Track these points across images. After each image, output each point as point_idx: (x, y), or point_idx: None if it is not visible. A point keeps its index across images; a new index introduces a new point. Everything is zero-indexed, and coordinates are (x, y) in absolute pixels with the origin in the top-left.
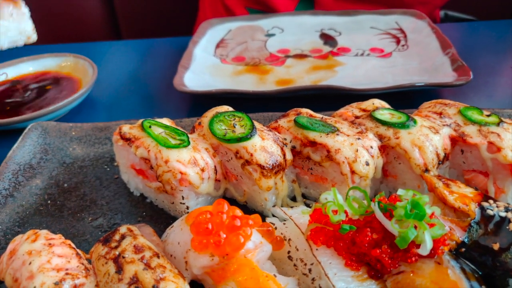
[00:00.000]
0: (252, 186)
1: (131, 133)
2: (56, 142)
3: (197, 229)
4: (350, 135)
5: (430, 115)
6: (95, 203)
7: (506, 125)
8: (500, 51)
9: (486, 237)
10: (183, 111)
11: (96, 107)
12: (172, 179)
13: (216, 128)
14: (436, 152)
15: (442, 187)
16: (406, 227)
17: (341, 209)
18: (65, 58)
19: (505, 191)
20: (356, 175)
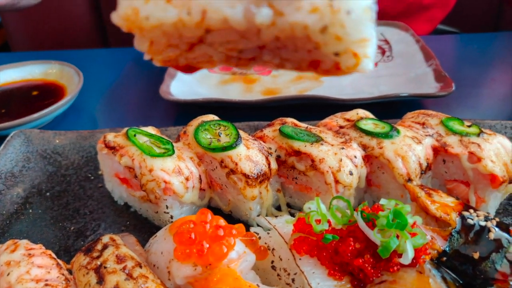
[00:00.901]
0: (237, 195)
1: (116, 142)
2: (39, 150)
3: (180, 239)
4: (334, 145)
5: (413, 125)
6: (78, 212)
7: (486, 135)
8: (482, 63)
9: (467, 246)
10: (170, 119)
11: (81, 115)
12: (156, 188)
13: (201, 137)
14: (418, 162)
15: (424, 197)
16: (388, 237)
17: (324, 218)
18: (51, 66)
19: (485, 201)
20: (340, 184)
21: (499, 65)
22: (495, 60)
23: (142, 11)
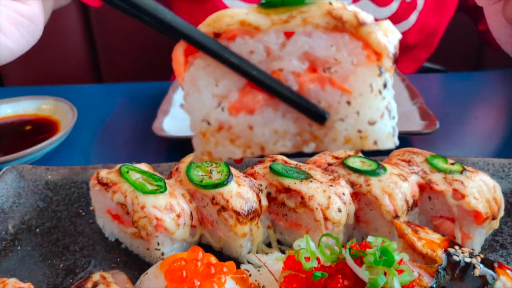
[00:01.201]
0: (228, 232)
1: (109, 178)
2: (30, 185)
3: (171, 276)
4: (323, 182)
5: (399, 163)
6: (68, 249)
7: (469, 173)
8: (464, 102)
9: (453, 283)
10: (162, 155)
11: (74, 150)
12: (148, 225)
13: (193, 174)
14: (405, 199)
15: (411, 234)
16: (376, 274)
17: (313, 256)
18: (45, 101)
19: (470, 237)
20: (329, 221)
21: (481, 103)
22: (477, 98)
23: (214, 153)
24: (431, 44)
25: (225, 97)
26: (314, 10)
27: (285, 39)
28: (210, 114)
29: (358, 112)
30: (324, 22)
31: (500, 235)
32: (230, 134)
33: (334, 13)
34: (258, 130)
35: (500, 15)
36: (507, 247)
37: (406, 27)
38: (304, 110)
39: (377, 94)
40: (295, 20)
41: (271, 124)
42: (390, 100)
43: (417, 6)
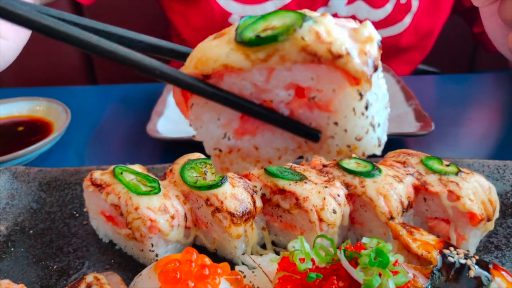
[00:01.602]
0: (222, 233)
1: (103, 180)
2: (24, 187)
3: (165, 278)
4: (318, 183)
5: (394, 164)
6: (62, 250)
7: (464, 174)
8: (459, 103)
9: (448, 284)
10: (156, 157)
11: (68, 151)
12: (141, 226)
13: (187, 175)
14: (400, 200)
15: (406, 235)
16: (371, 275)
17: (308, 257)
18: (38, 102)
19: (465, 238)
20: (324, 222)
21: (476, 105)
22: (472, 100)
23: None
24: (425, 46)
25: (228, 126)
26: (289, 47)
27: (268, 74)
28: (219, 142)
29: (345, 130)
30: (301, 58)
31: (495, 236)
32: (240, 154)
33: (309, 49)
34: (263, 150)
35: (496, 16)
36: (502, 249)
37: (401, 29)
38: (298, 132)
39: (360, 116)
40: (273, 58)
41: (272, 143)
42: (375, 114)
43: (411, 8)
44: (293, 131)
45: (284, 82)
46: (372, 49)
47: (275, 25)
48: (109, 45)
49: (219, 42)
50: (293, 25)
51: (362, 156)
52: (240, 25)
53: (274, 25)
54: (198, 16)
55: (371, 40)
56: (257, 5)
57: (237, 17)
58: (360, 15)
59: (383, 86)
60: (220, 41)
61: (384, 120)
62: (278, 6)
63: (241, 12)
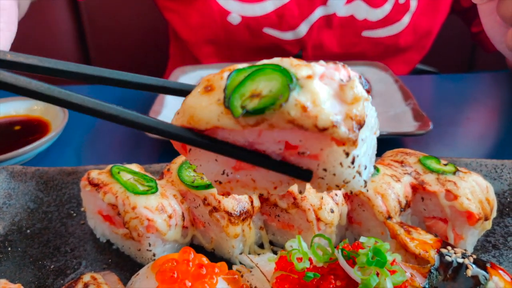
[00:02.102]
0: (220, 233)
1: (100, 179)
2: (21, 186)
3: (162, 277)
4: None
5: (392, 164)
6: (59, 250)
7: (461, 174)
8: (457, 103)
9: (446, 283)
10: (154, 156)
11: (65, 151)
12: (139, 225)
13: (184, 174)
14: (398, 199)
15: (403, 234)
16: (369, 274)
17: (305, 256)
18: (35, 102)
19: (463, 237)
20: (322, 222)
21: (474, 105)
22: (470, 100)
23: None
24: (424, 46)
25: (226, 165)
26: (276, 119)
27: (259, 133)
28: (218, 176)
29: (334, 174)
30: (288, 127)
31: (493, 235)
32: (240, 184)
33: (296, 123)
34: (259, 182)
35: (494, 14)
36: (499, 248)
37: (399, 28)
38: (290, 174)
39: (347, 168)
40: (262, 125)
41: (268, 177)
42: (363, 160)
43: (410, 7)
44: (286, 173)
45: (274, 139)
46: (358, 111)
47: (262, 90)
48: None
49: (209, 101)
50: (279, 98)
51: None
52: (228, 86)
53: (261, 91)
54: (196, 15)
55: (357, 101)
56: (256, 4)
57: (236, 15)
58: (359, 15)
59: (372, 117)
60: (210, 100)
61: (373, 151)
62: (278, 6)
63: (240, 10)
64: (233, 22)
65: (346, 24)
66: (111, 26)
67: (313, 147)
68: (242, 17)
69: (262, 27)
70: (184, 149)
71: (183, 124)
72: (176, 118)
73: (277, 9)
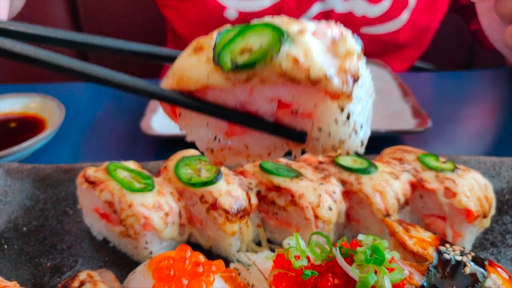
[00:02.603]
0: (217, 231)
1: (96, 176)
2: (17, 184)
3: (159, 275)
4: (314, 180)
5: (390, 161)
6: (55, 248)
7: (460, 171)
8: (456, 100)
9: (444, 281)
10: (151, 154)
11: (61, 148)
12: (135, 223)
13: (181, 172)
14: (396, 197)
15: (402, 232)
16: (367, 272)
17: (303, 254)
18: (32, 99)
19: (461, 235)
20: (320, 219)
21: (473, 102)
22: (469, 97)
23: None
24: (422, 43)
25: (217, 130)
26: (267, 72)
27: (250, 90)
28: (210, 143)
29: (329, 135)
30: (280, 81)
31: (491, 233)
32: (232, 151)
33: (287, 76)
34: (253, 148)
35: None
36: (497, 245)
37: (398, 25)
38: (284, 135)
39: (343, 125)
40: (254, 80)
41: (261, 142)
42: (358, 118)
43: (408, 4)
44: (280, 135)
45: (266, 97)
46: (351, 65)
47: (252, 45)
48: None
49: (198, 61)
50: (270, 50)
51: (346, 154)
52: (218, 44)
53: (252, 46)
54: (193, 11)
55: (350, 55)
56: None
57: (233, 11)
58: (358, 11)
59: (367, 79)
60: (199, 59)
61: (368, 113)
62: (275, 1)
63: (237, 6)
64: (230, 18)
65: (345, 21)
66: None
67: (307, 103)
68: (239, 12)
69: None
70: (174, 113)
71: (172, 87)
72: (166, 82)
73: (274, 4)
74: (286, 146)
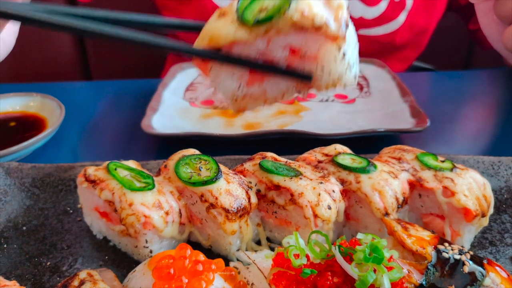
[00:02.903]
0: (217, 230)
1: (96, 175)
2: (17, 183)
3: (159, 274)
4: (313, 179)
5: (389, 160)
6: (55, 247)
7: (459, 170)
8: (455, 100)
9: (443, 280)
10: (151, 153)
11: (61, 147)
12: (135, 222)
13: (181, 171)
14: (395, 196)
15: (400, 231)
16: (366, 271)
17: (302, 253)
18: (32, 98)
19: (460, 234)
20: (319, 218)
21: (471, 102)
22: (467, 97)
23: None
24: (420, 43)
25: (241, 79)
26: (282, 24)
27: (268, 41)
28: (234, 93)
29: (330, 72)
30: (292, 29)
31: (490, 232)
32: (252, 98)
33: (297, 24)
34: (270, 92)
35: (491, 12)
36: (496, 244)
37: (395, 26)
38: (295, 77)
39: (340, 61)
40: (271, 32)
41: (276, 86)
42: (351, 57)
43: (406, 5)
44: (292, 77)
45: (280, 45)
46: (343, 14)
47: (267, 5)
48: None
49: (225, 22)
50: (283, 6)
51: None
52: (239, 7)
53: (267, 6)
54: (191, 13)
55: (341, 7)
56: None
57: None
58: (354, 12)
59: (352, 33)
60: (225, 21)
61: (356, 57)
62: None
63: None
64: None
65: None
66: None
67: (312, 46)
68: None
69: None
70: (205, 69)
71: (204, 46)
72: (197, 44)
73: None
74: (295, 88)
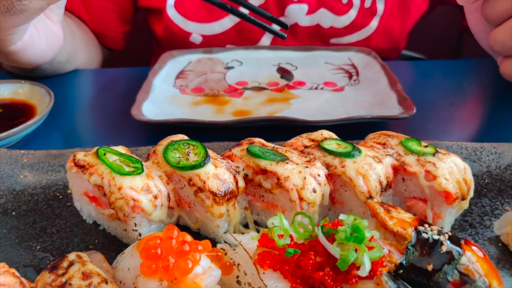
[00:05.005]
0: (205, 213)
1: (85, 160)
2: (6, 169)
3: (146, 254)
4: (299, 164)
5: (374, 146)
6: (45, 231)
7: (441, 155)
8: (442, 88)
9: (422, 259)
10: (141, 140)
11: (51, 135)
12: (124, 206)
13: (170, 156)
14: (379, 180)
15: (383, 213)
16: (347, 250)
17: (286, 233)
18: (20, 85)
19: (441, 217)
20: (304, 201)
21: (459, 90)
22: (455, 86)
23: None
24: (397, 47)
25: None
26: None
27: None
28: None
29: None
30: None
31: (470, 215)
32: None
33: None
34: None
35: (479, 13)
36: (475, 227)
37: (369, 32)
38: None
39: None
40: None
41: None
42: None
43: (377, 11)
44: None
45: None
46: None
47: None
48: None
49: None
50: None
51: None
52: None
53: None
54: (161, 30)
55: None
56: (214, 22)
57: (197, 35)
58: (324, 23)
59: None
60: None
61: None
62: (236, 21)
63: (200, 30)
64: (195, 42)
65: (312, 33)
66: None
67: None
68: (203, 36)
69: (225, 44)
70: None
71: None
72: None
73: (235, 24)
74: None
